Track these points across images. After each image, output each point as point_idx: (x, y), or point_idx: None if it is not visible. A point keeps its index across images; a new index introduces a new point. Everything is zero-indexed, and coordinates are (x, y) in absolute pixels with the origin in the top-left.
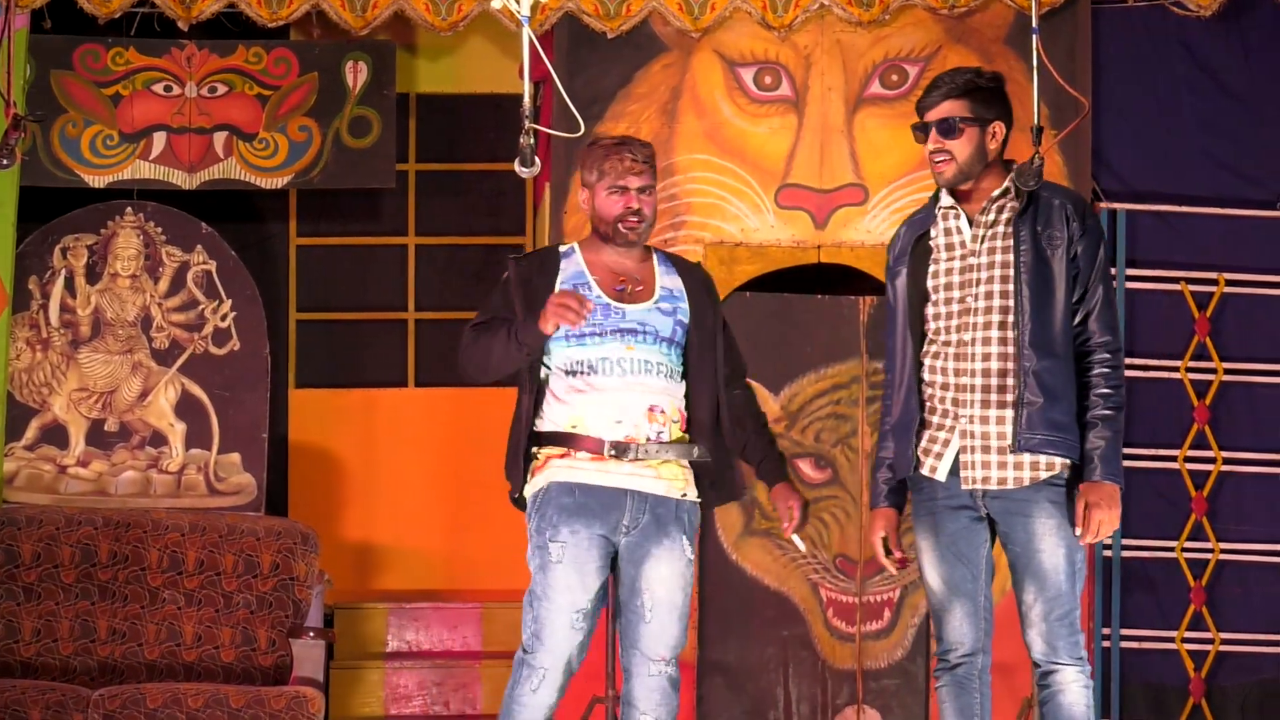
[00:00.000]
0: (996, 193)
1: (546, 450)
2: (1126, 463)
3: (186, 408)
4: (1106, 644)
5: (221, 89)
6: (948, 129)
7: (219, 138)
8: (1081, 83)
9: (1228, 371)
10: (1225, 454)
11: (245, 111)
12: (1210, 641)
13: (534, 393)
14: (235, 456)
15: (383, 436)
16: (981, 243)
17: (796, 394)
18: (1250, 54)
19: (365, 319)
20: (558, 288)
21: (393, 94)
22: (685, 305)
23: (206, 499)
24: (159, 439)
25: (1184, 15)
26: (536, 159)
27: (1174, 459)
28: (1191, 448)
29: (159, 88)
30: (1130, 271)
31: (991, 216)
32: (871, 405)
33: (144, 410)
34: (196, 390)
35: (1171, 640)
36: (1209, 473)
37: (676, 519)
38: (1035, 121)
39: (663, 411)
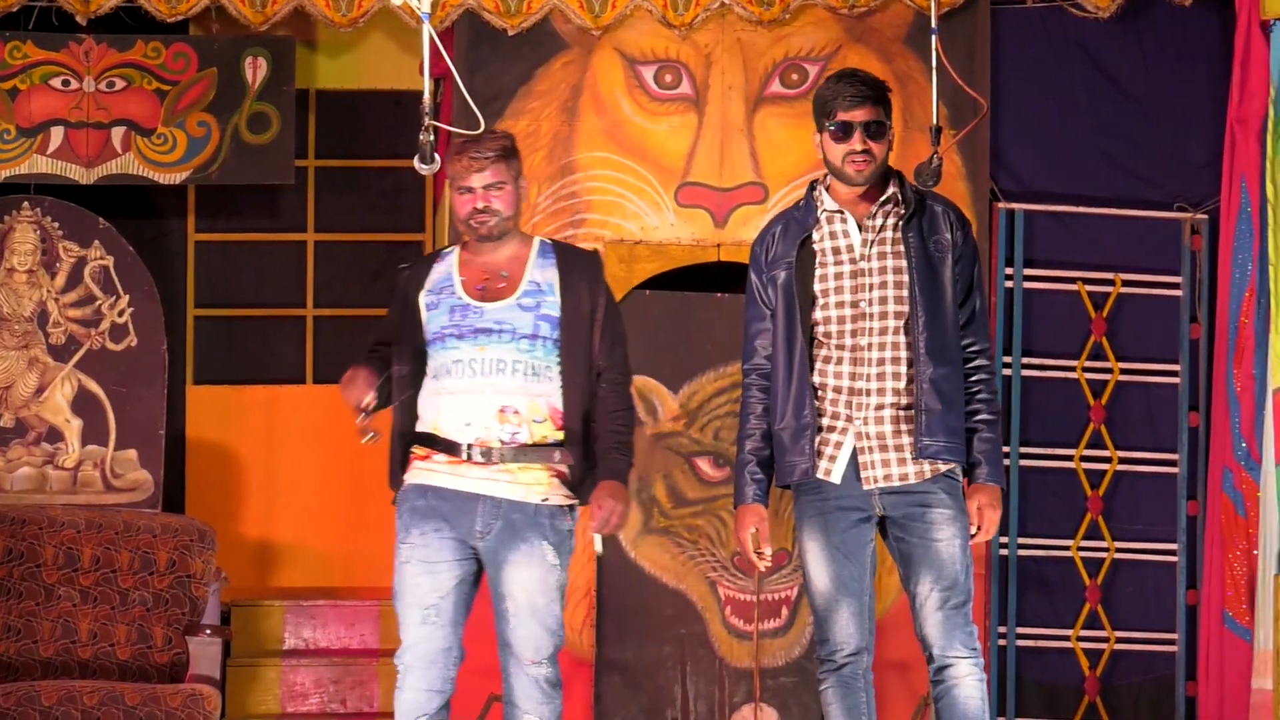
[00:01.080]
0: (884, 197)
1: (416, 450)
2: (1023, 462)
3: (83, 404)
4: (1003, 643)
5: (120, 84)
6: (878, 131)
7: (117, 133)
8: (980, 83)
9: (1124, 371)
10: (1121, 453)
11: (144, 107)
12: (1105, 640)
13: (414, 393)
14: (132, 453)
15: (282, 434)
16: (871, 247)
17: (696, 392)
18: (1147, 56)
19: (264, 315)
20: (424, 292)
21: (292, 90)
22: (554, 299)
23: (103, 495)
24: (55, 435)
25: (1082, 17)
26: (436, 156)
27: (1070, 458)
28: (1088, 447)
29: (57, 82)
30: (1028, 271)
31: (879, 221)
32: None
33: (40, 406)
34: (93, 386)
35: (1067, 639)
36: (1105, 472)
37: (535, 524)
38: (934, 121)
39: (516, 412)
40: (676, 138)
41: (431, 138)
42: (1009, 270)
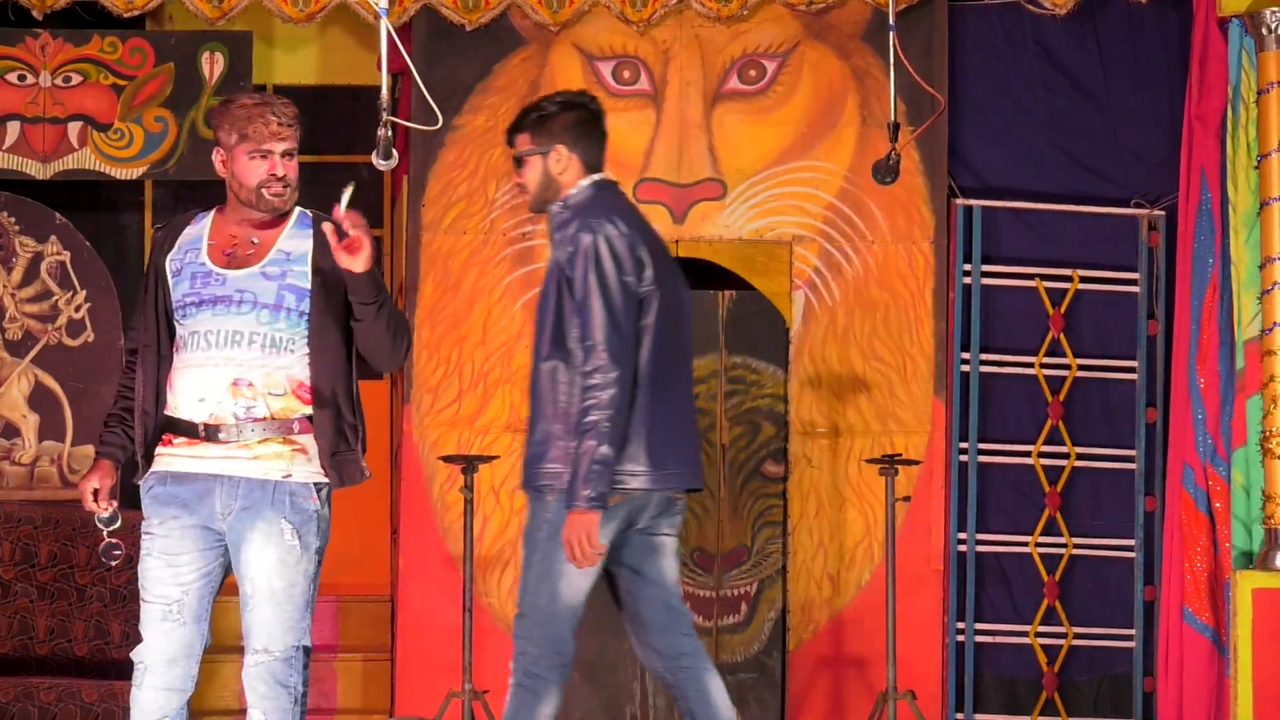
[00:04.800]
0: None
1: (164, 438)
2: (982, 458)
3: (40, 399)
4: (961, 638)
5: (76, 79)
6: (517, 162)
7: (73, 128)
8: (938, 80)
9: (1081, 368)
10: (1079, 449)
11: (100, 101)
12: (1063, 636)
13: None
14: (90, 449)
15: None
16: None
17: None
18: (1104, 53)
19: None
20: (168, 257)
21: (249, 85)
22: (302, 269)
23: (60, 491)
24: (11, 430)
25: (1039, 14)
26: (394, 151)
27: (1028, 454)
28: (1046, 443)
29: (13, 77)
30: (986, 268)
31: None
32: (730, 399)
33: None
34: (50, 382)
35: (1025, 635)
36: (1063, 468)
37: (275, 502)
38: (892, 118)
39: (251, 385)
40: (634, 134)
41: (390, 133)
42: (967, 266)
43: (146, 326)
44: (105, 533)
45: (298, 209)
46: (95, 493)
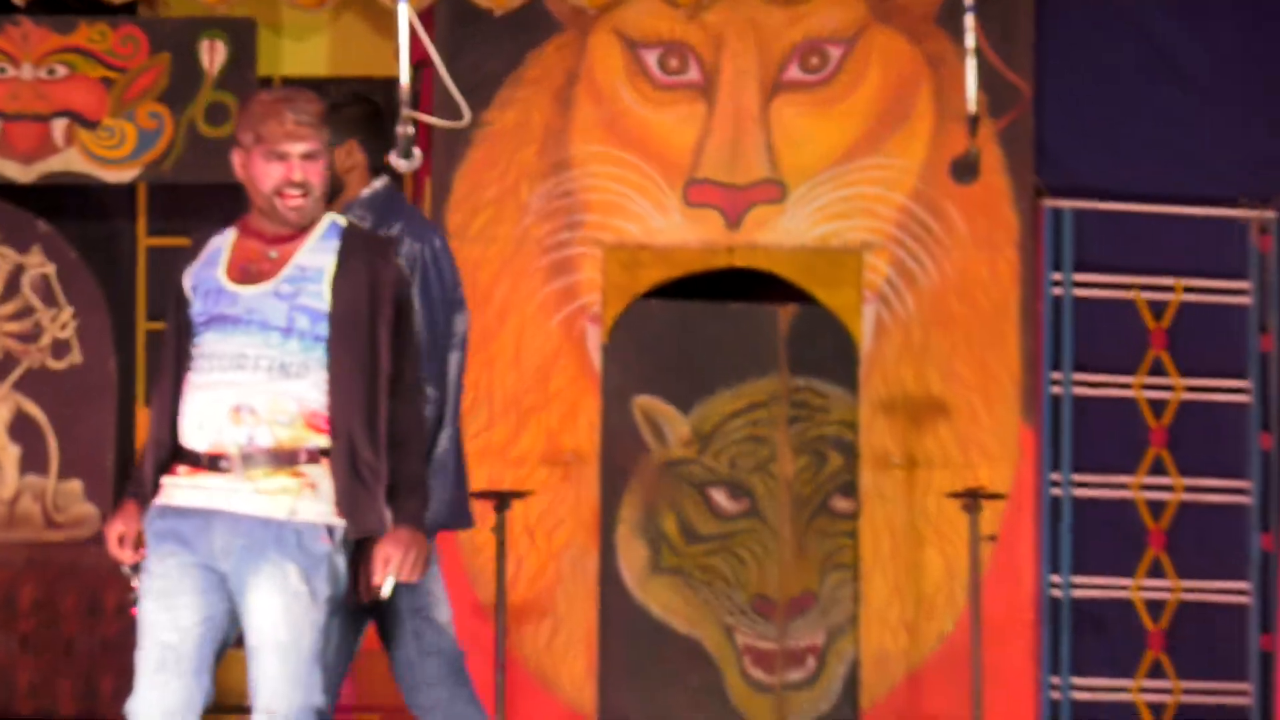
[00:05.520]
0: None
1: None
2: (1076, 491)
3: (21, 429)
4: (1055, 695)
5: (61, 71)
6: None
7: (58, 125)
8: (1022, 67)
9: (1187, 389)
10: (1185, 480)
11: (88, 96)
12: (1170, 691)
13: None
14: (76, 484)
15: None
16: None
17: (708, 414)
18: (1213, 36)
19: None
20: (190, 272)
21: (254, 77)
22: (320, 288)
23: (44, 532)
24: None
25: None
26: (416, 151)
27: (1129, 487)
28: (1148, 474)
29: None
30: (1078, 277)
31: None
32: (793, 426)
33: None
34: (32, 409)
35: (1127, 690)
36: (1168, 502)
37: (279, 542)
38: (971, 110)
39: (253, 411)
40: (683, 129)
41: (411, 131)
42: (1057, 276)
43: (166, 347)
44: (134, 583)
45: (329, 217)
46: (121, 538)
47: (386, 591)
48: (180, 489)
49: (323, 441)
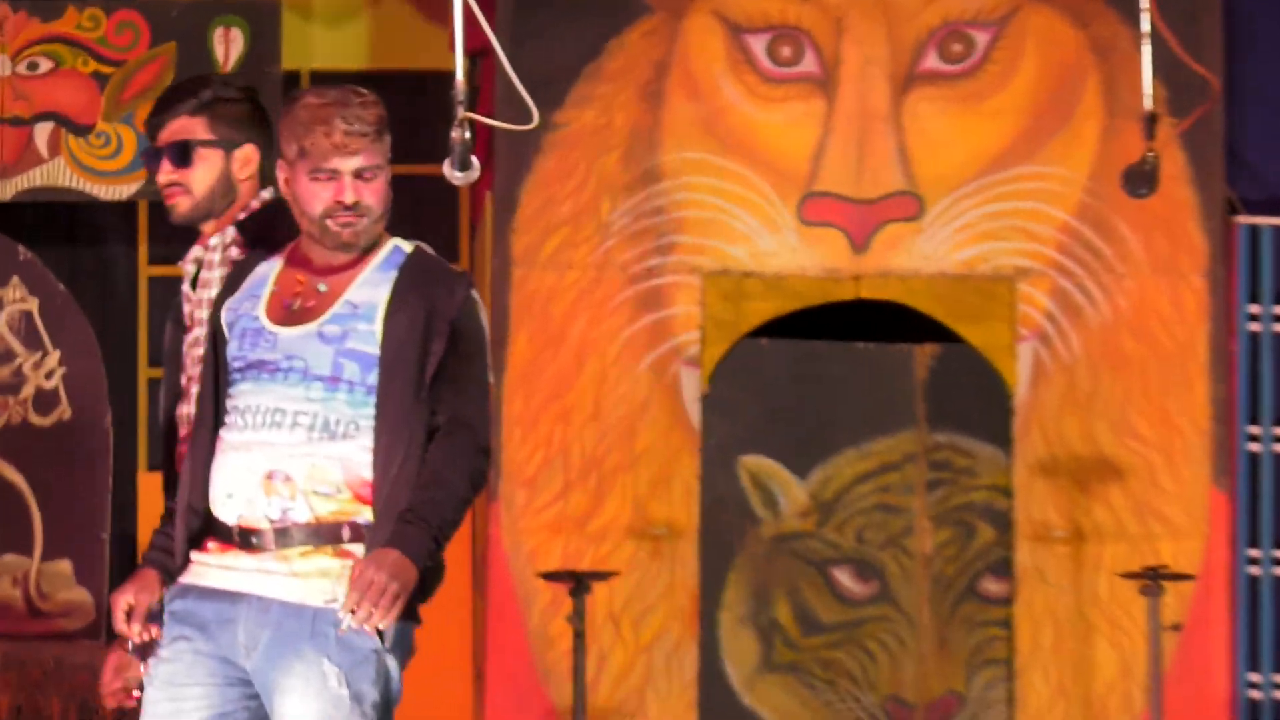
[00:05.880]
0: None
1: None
2: None
3: None
4: (1256, 693)
5: (45, 65)
6: (180, 153)
7: (42, 130)
8: (1210, 56)
9: None
10: None
11: (77, 95)
12: None
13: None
14: (65, 565)
15: None
16: None
17: (831, 478)
18: None
19: None
20: (227, 305)
21: (278, 71)
22: (373, 329)
23: (26, 623)
24: None
25: None
26: (474, 160)
27: None
28: None
29: None
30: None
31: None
32: (933, 492)
33: None
34: (12, 474)
35: None
36: None
37: (314, 635)
38: (1148, 107)
39: (289, 479)
40: (798, 131)
41: (468, 135)
42: (1254, 308)
43: (202, 395)
44: (141, 667)
45: (392, 242)
46: (130, 611)
47: (345, 624)
48: (208, 569)
49: (369, 514)
